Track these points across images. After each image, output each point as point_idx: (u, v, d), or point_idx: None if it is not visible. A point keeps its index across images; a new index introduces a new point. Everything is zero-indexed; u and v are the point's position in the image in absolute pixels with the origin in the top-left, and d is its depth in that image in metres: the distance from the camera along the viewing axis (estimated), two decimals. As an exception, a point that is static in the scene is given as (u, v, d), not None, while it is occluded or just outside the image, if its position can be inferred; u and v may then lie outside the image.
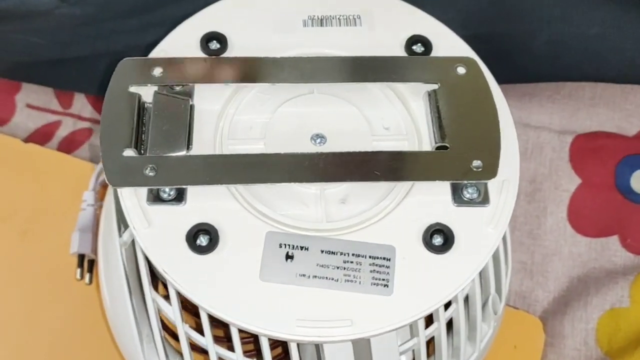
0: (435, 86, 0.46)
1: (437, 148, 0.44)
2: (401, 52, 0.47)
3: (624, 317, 0.57)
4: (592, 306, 0.57)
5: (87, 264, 0.58)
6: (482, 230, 0.43)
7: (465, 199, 0.43)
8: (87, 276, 0.57)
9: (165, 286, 0.45)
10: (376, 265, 0.41)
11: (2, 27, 0.55)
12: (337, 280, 0.41)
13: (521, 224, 0.61)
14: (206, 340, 0.44)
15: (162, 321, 0.47)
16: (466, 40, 0.48)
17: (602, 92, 0.63)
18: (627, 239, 0.60)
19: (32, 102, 0.66)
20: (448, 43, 0.48)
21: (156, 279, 0.47)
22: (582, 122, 0.63)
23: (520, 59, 0.61)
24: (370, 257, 0.41)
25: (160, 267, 0.42)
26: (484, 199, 0.43)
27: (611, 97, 0.63)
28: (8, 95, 0.66)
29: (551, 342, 0.57)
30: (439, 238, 0.42)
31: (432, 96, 0.46)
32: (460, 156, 0.43)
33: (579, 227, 0.60)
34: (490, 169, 0.43)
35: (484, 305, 0.47)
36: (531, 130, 0.63)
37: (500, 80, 0.49)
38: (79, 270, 0.57)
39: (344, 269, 0.41)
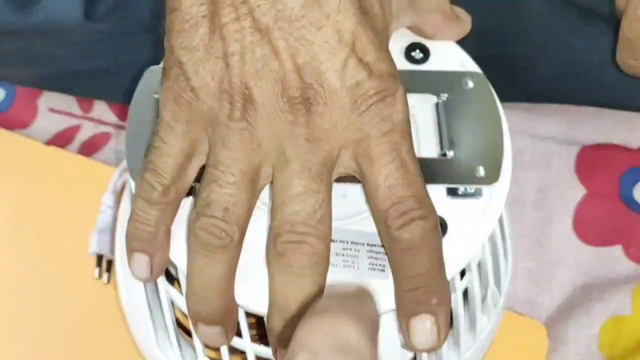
0: (444, 97, 0.47)
1: (442, 155, 0.46)
2: (402, 58, 0.49)
3: (625, 324, 0.58)
4: (595, 313, 0.59)
5: (105, 264, 0.60)
6: (474, 220, 0.44)
7: (460, 192, 0.45)
8: (105, 275, 0.59)
9: (179, 284, 0.47)
10: (373, 252, 0.43)
11: (29, 42, 0.57)
12: (337, 265, 0.43)
13: (528, 231, 0.62)
14: None
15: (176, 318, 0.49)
16: (477, 59, 0.50)
17: (609, 105, 0.65)
18: (630, 249, 0.61)
19: (54, 106, 0.67)
20: (445, 49, 0.50)
21: (172, 278, 0.49)
22: (588, 134, 0.64)
23: (527, 81, 0.63)
24: (368, 244, 0.43)
25: (171, 254, 0.44)
26: (476, 192, 0.45)
27: (617, 111, 0.64)
28: (30, 99, 0.68)
29: (554, 347, 0.58)
30: None
31: (441, 106, 0.47)
32: (463, 163, 0.45)
33: (583, 236, 0.62)
34: (492, 175, 0.45)
35: (484, 298, 0.49)
36: (539, 141, 0.64)
37: (508, 99, 0.50)
38: (97, 270, 0.59)
39: (343, 255, 0.43)
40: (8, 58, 0.63)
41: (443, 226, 0.43)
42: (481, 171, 0.45)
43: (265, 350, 0.46)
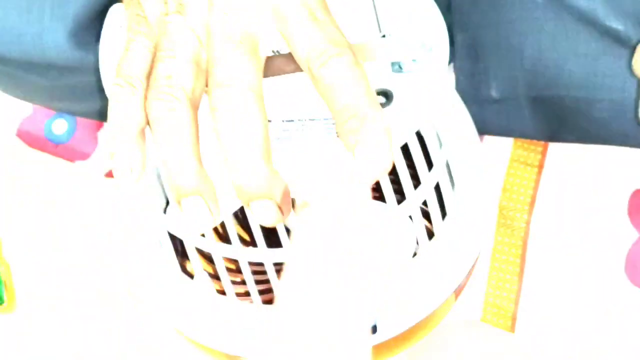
0: None
1: (382, 37, 0.49)
2: None
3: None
4: (646, 357, 0.58)
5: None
6: (417, 91, 0.47)
7: (403, 68, 0.48)
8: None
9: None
10: (329, 123, 0.46)
11: (91, 77, 0.59)
12: (297, 138, 0.46)
13: (580, 272, 0.62)
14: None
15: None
16: (531, 100, 0.51)
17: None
18: (682, 293, 0.61)
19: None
20: None
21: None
22: (641, 176, 0.64)
23: (580, 122, 0.63)
24: (324, 119, 0.46)
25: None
26: (418, 66, 0.48)
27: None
28: (90, 131, 0.69)
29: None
30: (380, 97, 0.46)
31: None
32: (402, 39, 0.48)
33: (635, 279, 0.62)
34: (429, 46, 0.48)
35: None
36: (591, 183, 0.64)
37: (560, 139, 0.51)
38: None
39: (302, 130, 0.46)
40: (70, 92, 0.65)
41: (389, 96, 0.47)
42: (418, 44, 0.48)
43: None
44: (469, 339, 0.60)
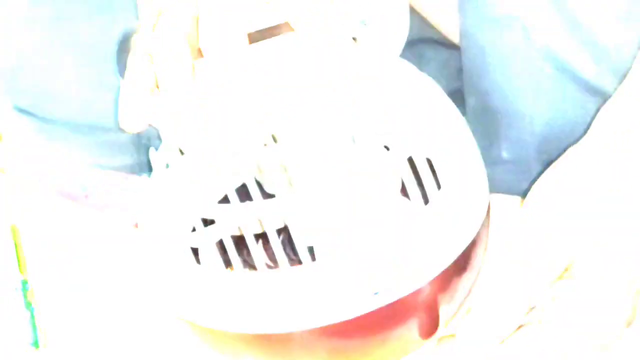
0: None
1: None
2: None
3: None
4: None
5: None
6: (383, 35, 0.53)
7: (364, 23, 0.54)
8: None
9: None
10: None
11: (129, 136, 0.63)
12: None
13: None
14: None
15: None
16: (542, 162, 0.53)
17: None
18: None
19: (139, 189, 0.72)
20: None
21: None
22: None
23: None
24: None
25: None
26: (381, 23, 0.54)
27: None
28: (119, 183, 0.72)
29: None
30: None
31: None
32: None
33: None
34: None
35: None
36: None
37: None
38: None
39: None
40: (107, 148, 0.68)
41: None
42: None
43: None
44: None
